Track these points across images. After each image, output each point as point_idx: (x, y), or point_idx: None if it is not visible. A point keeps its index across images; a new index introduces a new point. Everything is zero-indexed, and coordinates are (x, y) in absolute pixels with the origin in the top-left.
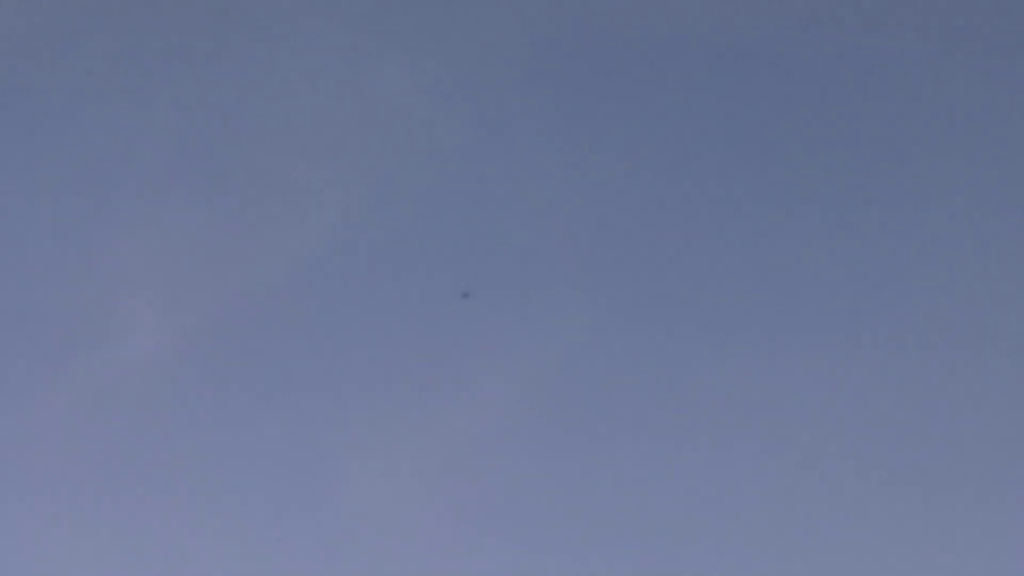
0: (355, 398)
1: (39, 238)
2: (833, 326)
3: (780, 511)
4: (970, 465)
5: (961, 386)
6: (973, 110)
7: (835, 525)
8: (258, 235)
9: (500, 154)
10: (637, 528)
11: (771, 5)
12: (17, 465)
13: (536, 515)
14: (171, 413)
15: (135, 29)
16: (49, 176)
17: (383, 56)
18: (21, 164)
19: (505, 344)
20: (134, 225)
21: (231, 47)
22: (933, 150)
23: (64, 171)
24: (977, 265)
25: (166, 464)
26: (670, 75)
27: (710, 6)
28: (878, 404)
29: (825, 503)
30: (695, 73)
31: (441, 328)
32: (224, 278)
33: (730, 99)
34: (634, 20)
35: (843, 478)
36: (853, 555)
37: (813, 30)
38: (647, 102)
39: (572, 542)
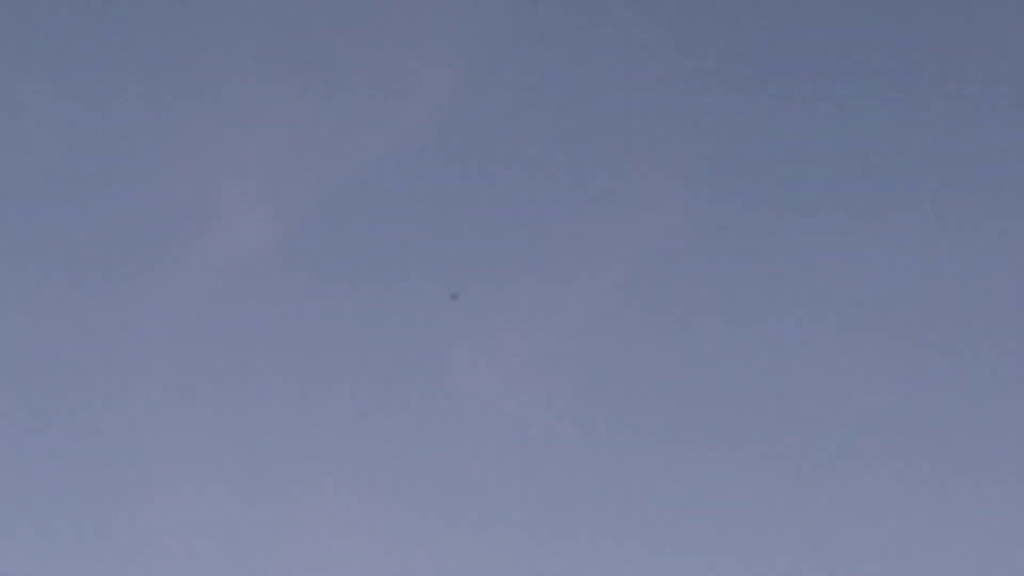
0: (460, 285)
1: (145, 131)
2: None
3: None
4: None
5: None
6: None
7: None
8: (358, 121)
9: (596, 40)
10: (735, 417)
11: None
12: (130, 352)
13: (635, 402)
14: (277, 301)
15: None
16: (153, 70)
17: None
18: (124, 59)
19: (607, 235)
20: (236, 115)
21: None
22: None
23: (168, 65)
24: None
25: (271, 351)
26: None
27: None
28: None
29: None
30: None
31: (545, 216)
32: (326, 165)
33: None
34: None
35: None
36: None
37: None
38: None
39: (669, 428)
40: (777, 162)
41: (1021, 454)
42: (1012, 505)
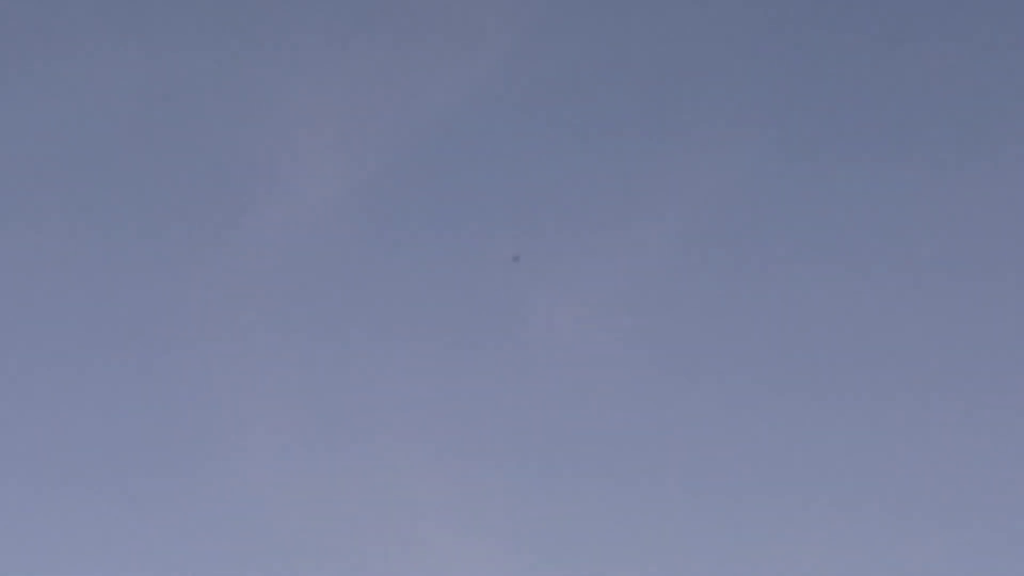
0: (536, 230)
1: (218, 83)
2: None
3: None
4: None
5: None
6: None
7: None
8: (428, 71)
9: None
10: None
11: None
12: (207, 304)
13: (711, 343)
14: (353, 251)
15: None
16: (225, 21)
17: None
18: (196, 12)
19: (676, 178)
20: (309, 67)
21: None
22: None
23: (240, 16)
24: None
25: (348, 301)
26: None
27: None
28: None
29: None
30: None
31: (615, 161)
32: (398, 115)
33: None
34: None
35: None
36: None
37: None
38: None
39: (741, 369)
40: (847, 109)
41: None
42: None
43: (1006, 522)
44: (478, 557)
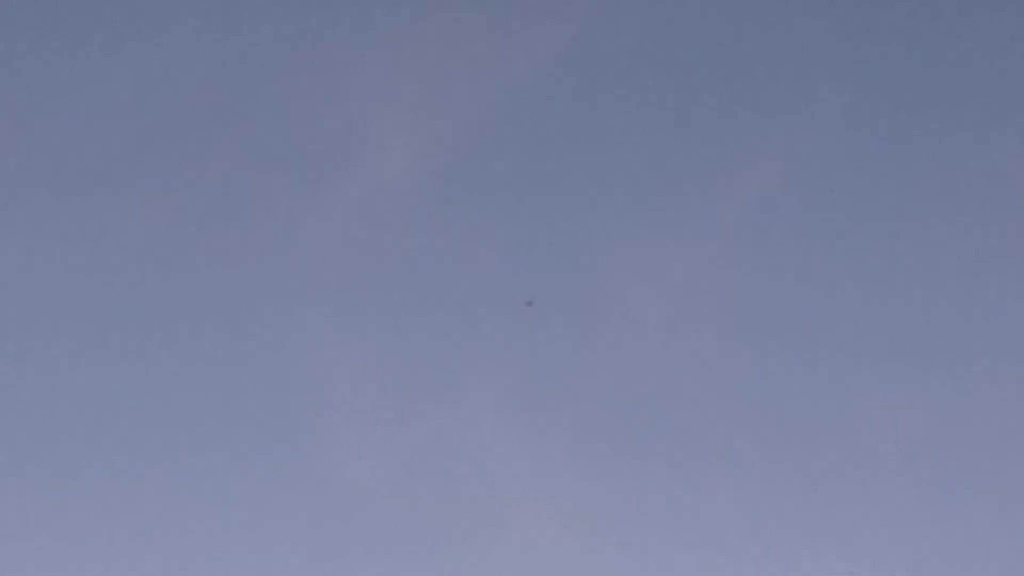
0: (614, 208)
1: (291, 60)
2: None
3: None
4: None
5: None
6: None
7: None
8: (503, 45)
9: None
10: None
11: None
12: (283, 289)
13: (793, 323)
14: (430, 229)
15: None
16: (300, 2)
17: None
18: None
19: (757, 155)
20: (382, 42)
21: None
22: None
23: None
24: None
25: (427, 278)
26: None
27: None
28: None
29: None
30: None
31: (694, 136)
32: (473, 90)
33: None
34: None
35: None
36: None
37: None
38: None
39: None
40: (933, 76)
41: None
42: None
43: None
44: (561, 536)
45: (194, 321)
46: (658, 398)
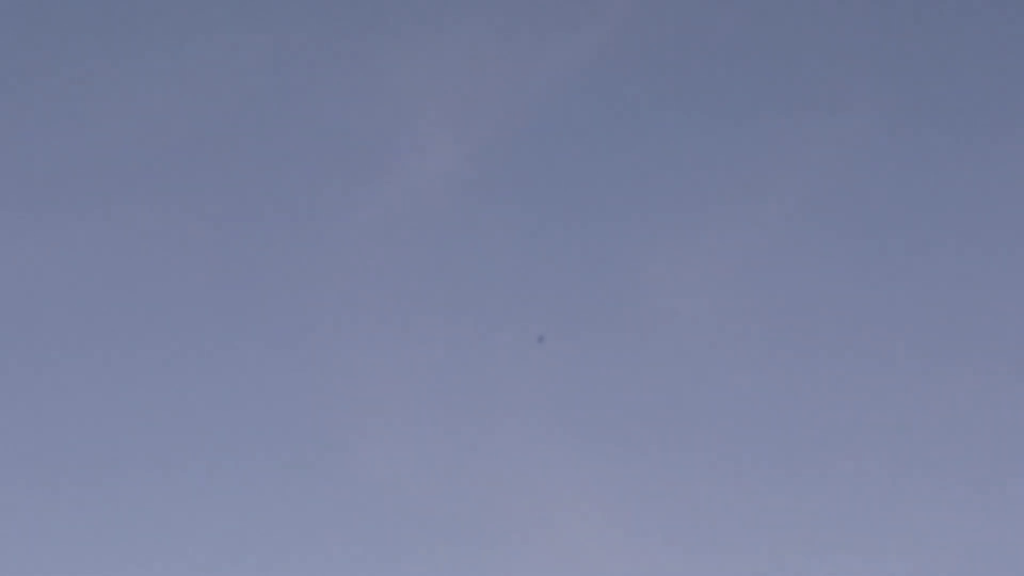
0: (652, 204)
1: (328, 58)
2: None
3: None
4: None
5: None
6: None
7: None
8: (540, 44)
9: None
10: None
11: None
12: (322, 288)
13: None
14: (462, 232)
15: None
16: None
17: None
18: None
19: (797, 150)
20: (420, 41)
21: None
22: None
23: None
24: None
25: (459, 281)
26: None
27: None
28: None
29: None
30: None
31: (734, 131)
32: (510, 88)
33: None
34: None
35: None
36: None
37: None
38: None
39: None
40: (977, 70)
41: None
42: None
43: None
44: (601, 537)
45: (234, 319)
46: (697, 399)
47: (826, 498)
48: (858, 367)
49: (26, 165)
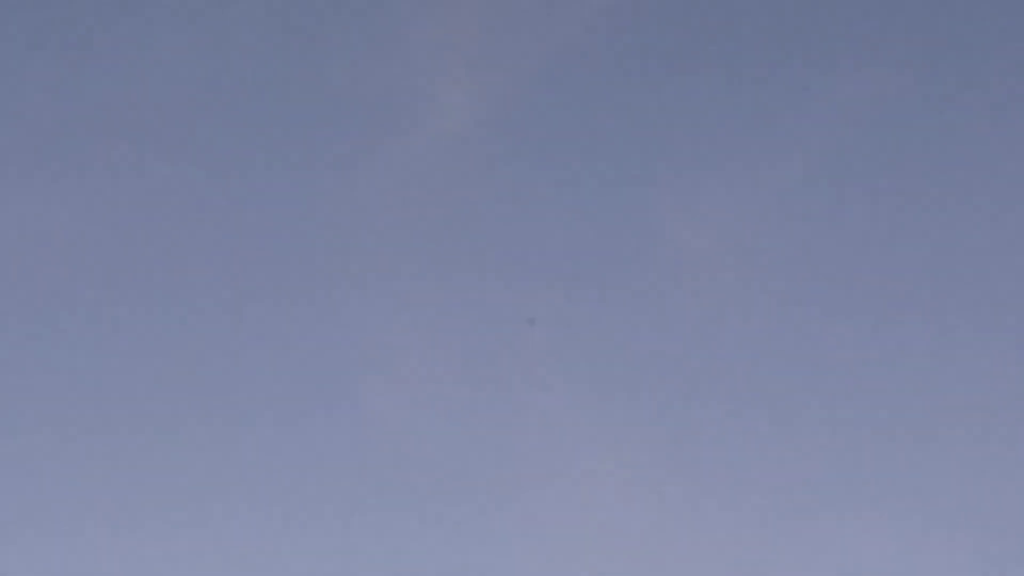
0: (667, 156)
1: (344, 17)
2: None
3: None
4: None
5: None
6: None
7: None
8: (555, 3)
9: None
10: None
11: None
12: (338, 242)
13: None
14: (482, 186)
15: None
16: None
17: None
18: None
19: (813, 105)
20: (438, 2)
21: None
22: None
23: None
24: None
25: (479, 236)
26: None
27: None
28: None
29: None
30: None
31: (750, 85)
32: (527, 42)
33: None
34: None
35: None
36: None
37: None
38: None
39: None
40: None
41: None
42: None
43: None
44: (623, 486)
45: (252, 274)
46: (718, 355)
47: (848, 451)
48: (874, 315)
49: (57, 118)
